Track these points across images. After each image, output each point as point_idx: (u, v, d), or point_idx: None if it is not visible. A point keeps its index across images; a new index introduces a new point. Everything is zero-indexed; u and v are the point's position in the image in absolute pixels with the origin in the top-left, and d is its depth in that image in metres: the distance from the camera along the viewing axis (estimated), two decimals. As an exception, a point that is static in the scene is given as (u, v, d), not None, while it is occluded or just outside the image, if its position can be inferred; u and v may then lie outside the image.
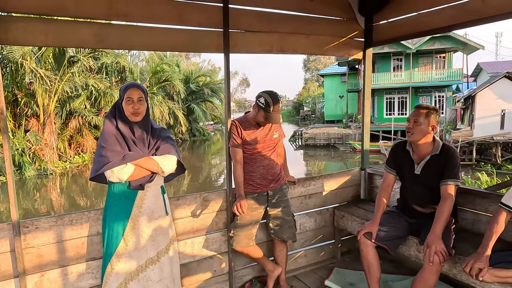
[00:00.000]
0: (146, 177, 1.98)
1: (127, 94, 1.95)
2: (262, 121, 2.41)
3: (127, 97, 1.95)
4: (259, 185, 2.50)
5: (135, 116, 1.96)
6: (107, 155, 1.87)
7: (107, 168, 1.85)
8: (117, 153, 1.88)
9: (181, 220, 2.46)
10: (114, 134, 1.93)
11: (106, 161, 1.85)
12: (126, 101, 1.95)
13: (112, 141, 1.90)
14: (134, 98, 1.95)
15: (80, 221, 2.12)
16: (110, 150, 1.88)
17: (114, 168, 1.86)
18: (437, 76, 23.22)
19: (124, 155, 1.89)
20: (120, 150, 1.90)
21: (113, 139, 1.91)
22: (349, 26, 3.01)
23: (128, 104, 1.95)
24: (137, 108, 1.96)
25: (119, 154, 1.88)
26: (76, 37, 2.05)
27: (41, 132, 16.07)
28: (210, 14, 2.40)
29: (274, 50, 2.69)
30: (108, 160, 1.86)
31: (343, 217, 3.03)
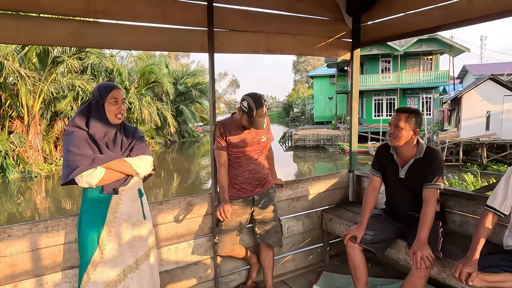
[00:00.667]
0: (120, 180, 1.89)
1: (113, 95, 1.87)
2: (247, 125, 2.34)
3: (113, 98, 1.87)
4: (244, 190, 2.43)
5: (119, 118, 1.90)
6: (75, 159, 1.77)
7: (75, 173, 1.76)
8: (86, 157, 1.78)
9: (164, 225, 2.38)
10: (83, 136, 1.83)
11: (74, 165, 1.76)
12: (111, 102, 1.87)
13: (81, 144, 1.81)
14: (119, 99, 1.88)
15: (57, 227, 2.02)
16: (78, 153, 1.78)
17: (83, 173, 1.77)
18: (425, 78, 23.53)
19: (94, 159, 1.79)
20: (89, 153, 1.80)
21: (82, 141, 1.81)
22: (337, 27, 2.97)
23: (113, 105, 1.87)
24: (122, 110, 1.90)
25: (88, 158, 1.79)
26: (51, 34, 1.95)
27: (25, 133, 15.69)
28: (194, 13, 2.33)
29: (261, 50, 2.63)
30: (76, 164, 1.76)
31: (331, 220, 2.99)
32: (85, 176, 1.77)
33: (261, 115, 2.23)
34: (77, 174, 1.76)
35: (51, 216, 11.43)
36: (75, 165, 1.76)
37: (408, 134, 2.18)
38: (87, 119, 1.86)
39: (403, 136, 2.18)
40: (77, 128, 1.84)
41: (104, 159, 1.82)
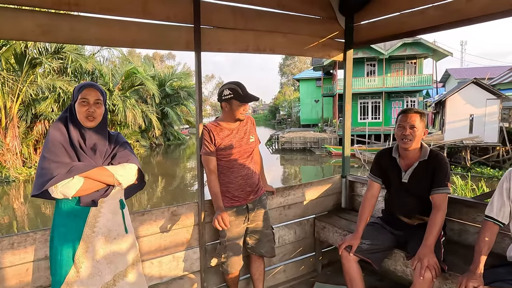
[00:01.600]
0: (100, 191, 1.70)
1: (82, 94, 1.67)
2: (241, 112, 2.19)
3: (82, 98, 1.67)
4: (237, 198, 2.26)
5: (89, 121, 1.68)
6: (49, 167, 1.57)
7: (50, 184, 1.55)
8: (62, 165, 1.58)
9: (146, 238, 2.18)
10: (61, 142, 1.63)
11: (49, 174, 1.56)
12: (80, 103, 1.67)
13: (58, 150, 1.61)
14: (90, 100, 1.68)
15: (24, 243, 1.81)
16: (54, 161, 1.58)
17: (58, 183, 1.57)
18: (409, 82, 23.85)
19: (71, 167, 1.59)
20: (67, 161, 1.61)
21: (59, 148, 1.62)
22: (329, 26, 2.85)
23: (82, 106, 1.67)
24: (93, 112, 1.68)
25: (65, 166, 1.59)
26: (16, 28, 1.74)
27: (2, 136, 15.06)
28: (180, 8, 2.16)
29: (250, 49, 2.47)
30: (51, 173, 1.56)
31: (324, 228, 2.85)
32: (60, 186, 1.57)
33: (245, 89, 2.18)
34: (52, 185, 1.56)
35: (29, 222, 10.96)
36: (50, 174, 1.56)
37: (421, 135, 2.09)
38: (66, 122, 1.67)
39: (419, 137, 2.08)
40: (55, 131, 1.65)
41: (83, 167, 1.62)
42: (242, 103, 2.17)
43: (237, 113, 2.20)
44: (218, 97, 2.28)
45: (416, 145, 2.12)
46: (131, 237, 1.88)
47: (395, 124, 2.22)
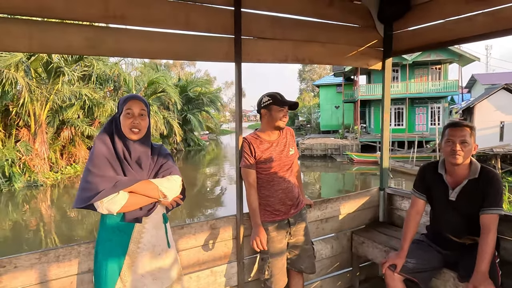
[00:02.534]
0: (143, 209, 1.68)
1: (127, 106, 1.66)
2: (281, 119, 2.16)
3: (127, 110, 1.65)
4: (278, 212, 2.20)
5: (134, 133, 1.66)
6: (95, 181, 1.55)
7: (97, 199, 1.53)
8: (108, 179, 1.57)
9: (185, 251, 2.15)
10: (106, 155, 1.62)
11: (94, 189, 1.54)
12: (125, 115, 1.66)
13: (103, 164, 1.59)
14: (135, 112, 1.66)
15: (69, 256, 1.81)
16: (99, 175, 1.56)
17: (103, 199, 1.55)
18: (433, 87, 23.24)
19: (116, 182, 1.57)
20: (112, 175, 1.59)
21: (104, 161, 1.60)
22: (368, 34, 2.77)
23: (127, 118, 1.65)
24: (137, 124, 1.66)
25: (110, 180, 1.57)
26: (64, 42, 1.76)
27: (32, 142, 15.60)
28: (220, 19, 2.14)
29: (289, 59, 2.43)
30: (96, 187, 1.54)
31: (362, 243, 2.74)
32: (105, 202, 1.56)
33: (283, 96, 2.20)
34: (98, 200, 1.54)
35: (55, 225, 11.23)
36: (95, 188, 1.54)
37: (471, 150, 1.96)
38: (111, 135, 1.66)
39: (469, 153, 1.95)
40: (100, 144, 1.64)
41: (127, 181, 1.61)
42: (282, 107, 2.15)
43: (277, 119, 2.16)
44: (257, 107, 2.26)
45: (466, 161, 1.99)
46: (174, 251, 1.85)
47: (441, 138, 2.10)
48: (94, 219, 11.43)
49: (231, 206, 12.10)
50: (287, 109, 2.21)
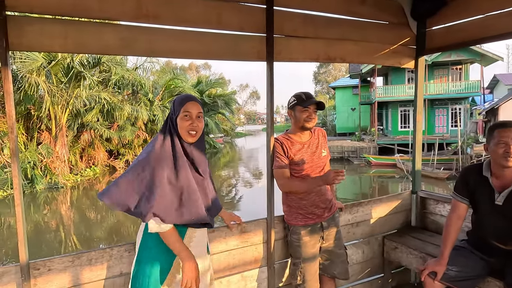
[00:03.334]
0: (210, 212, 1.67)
1: (185, 108, 1.59)
2: (305, 119, 2.08)
3: (185, 112, 1.59)
4: (311, 215, 2.13)
5: (192, 136, 1.60)
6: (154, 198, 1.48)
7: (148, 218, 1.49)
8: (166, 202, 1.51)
9: (216, 255, 2.10)
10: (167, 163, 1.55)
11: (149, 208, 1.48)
12: (183, 117, 1.59)
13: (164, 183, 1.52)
14: (192, 114, 1.60)
15: (101, 260, 1.78)
16: (160, 195, 1.49)
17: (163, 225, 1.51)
18: (454, 88, 22.65)
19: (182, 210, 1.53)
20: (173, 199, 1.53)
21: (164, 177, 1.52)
22: (400, 32, 2.67)
23: (185, 120, 1.59)
24: (196, 126, 1.60)
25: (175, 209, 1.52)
26: (99, 41, 1.74)
27: (52, 145, 15.97)
28: (252, 17, 2.09)
29: (321, 58, 2.36)
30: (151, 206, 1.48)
31: (395, 248, 2.63)
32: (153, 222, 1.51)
33: (311, 96, 2.12)
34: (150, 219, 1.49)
35: (74, 226, 11.42)
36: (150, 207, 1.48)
37: None
38: (169, 135, 1.61)
39: None
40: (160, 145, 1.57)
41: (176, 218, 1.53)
42: (305, 107, 2.07)
43: (301, 119, 2.09)
44: (288, 106, 2.20)
45: None
46: (209, 256, 1.80)
47: (487, 139, 1.98)
48: (113, 221, 11.58)
49: (248, 208, 12.06)
50: (314, 109, 2.11)
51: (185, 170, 1.56)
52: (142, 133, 20.01)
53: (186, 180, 1.55)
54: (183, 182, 1.55)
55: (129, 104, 19.02)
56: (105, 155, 19.14)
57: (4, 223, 11.32)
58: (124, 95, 20.15)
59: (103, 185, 16.68)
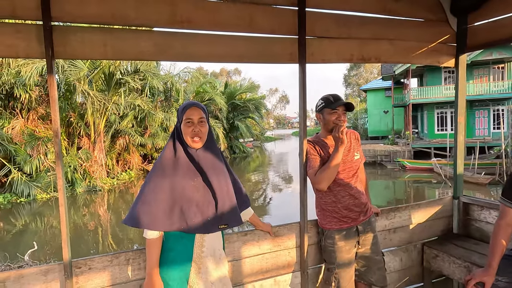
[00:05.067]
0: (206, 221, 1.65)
1: (186, 115, 1.63)
2: (334, 122, 2.02)
3: (187, 119, 1.63)
4: (346, 218, 2.07)
5: (195, 142, 1.63)
6: (153, 213, 1.56)
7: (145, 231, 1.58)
8: (163, 211, 1.57)
9: (249, 259, 2.09)
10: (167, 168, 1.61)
11: (151, 220, 1.56)
12: (185, 124, 1.63)
13: (159, 191, 1.58)
14: (194, 119, 1.64)
15: (138, 260, 1.82)
16: (146, 202, 1.57)
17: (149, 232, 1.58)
18: (496, 88, 21.37)
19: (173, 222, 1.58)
20: (166, 206, 1.58)
21: (162, 187, 1.58)
22: (439, 29, 2.56)
23: (187, 126, 1.63)
24: (198, 131, 1.63)
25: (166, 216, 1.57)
26: (136, 48, 1.80)
27: (91, 149, 16.75)
28: (284, 19, 2.08)
29: (355, 58, 2.30)
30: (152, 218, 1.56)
31: (436, 256, 2.50)
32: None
33: (339, 98, 2.08)
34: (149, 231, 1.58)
35: (111, 228, 11.85)
36: (152, 220, 1.56)
37: None
38: (174, 144, 1.65)
39: None
40: (164, 154, 1.63)
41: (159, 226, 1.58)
42: (333, 110, 2.01)
43: (330, 122, 2.04)
44: (315, 110, 2.16)
45: None
46: (226, 262, 1.80)
47: None
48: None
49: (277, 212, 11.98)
50: (343, 111, 2.05)
51: (182, 179, 1.59)
52: (174, 138, 20.50)
53: (181, 189, 1.58)
54: (177, 191, 1.57)
55: (161, 110, 19.60)
56: (139, 159, 19.81)
57: (47, 224, 11.96)
58: (157, 102, 20.80)
59: (137, 189, 17.25)
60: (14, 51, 1.57)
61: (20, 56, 1.63)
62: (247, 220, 1.97)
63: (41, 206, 13.60)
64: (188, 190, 1.59)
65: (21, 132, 14.24)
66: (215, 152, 1.73)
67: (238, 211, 1.75)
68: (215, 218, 1.63)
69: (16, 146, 13.81)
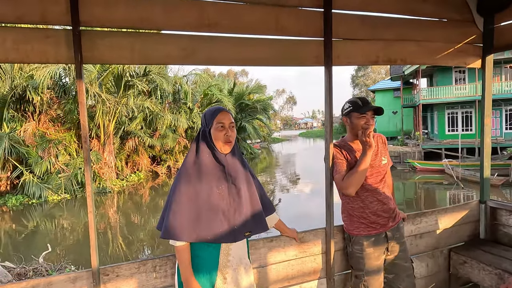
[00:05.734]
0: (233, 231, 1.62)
1: (218, 119, 1.61)
2: (364, 126, 1.96)
3: (219, 123, 1.60)
4: (374, 224, 2.02)
5: (228, 146, 1.61)
6: (178, 223, 1.53)
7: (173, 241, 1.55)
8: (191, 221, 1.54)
9: (274, 265, 2.05)
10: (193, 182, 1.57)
11: (178, 231, 1.53)
12: (217, 128, 1.60)
13: (185, 201, 1.55)
14: (226, 124, 1.61)
15: (165, 267, 1.80)
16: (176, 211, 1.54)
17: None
18: (508, 88, 21.05)
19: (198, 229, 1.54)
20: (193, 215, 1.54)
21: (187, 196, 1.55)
22: (465, 30, 2.50)
23: (219, 131, 1.60)
24: (230, 135, 1.61)
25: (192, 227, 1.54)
26: (163, 52, 1.78)
27: (101, 151, 16.86)
28: (309, 21, 2.05)
29: (380, 60, 2.26)
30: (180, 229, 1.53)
31: (464, 263, 2.44)
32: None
33: (367, 101, 2.02)
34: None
35: (120, 229, 11.90)
36: (178, 231, 1.53)
37: None
38: (196, 150, 1.61)
39: None
40: (190, 159, 1.60)
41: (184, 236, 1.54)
42: (362, 114, 1.96)
43: (358, 126, 1.98)
44: (341, 114, 2.12)
45: None
46: (251, 269, 1.76)
47: None
48: (155, 224, 11.95)
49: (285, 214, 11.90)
50: (371, 115, 2.00)
51: (207, 186, 1.56)
52: (183, 140, 20.61)
53: (206, 197, 1.54)
54: (203, 199, 1.54)
55: (170, 112, 19.69)
56: (148, 161, 19.90)
57: (59, 225, 12.06)
58: (165, 104, 20.90)
59: (146, 190, 17.34)
60: (44, 57, 1.56)
61: (50, 62, 1.62)
62: (273, 226, 1.93)
63: (52, 207, 13.72)
64: (213, 197, 1.56)
65: (33, 134, 14.40)
66: (241, 157, 1.70)
67: (264, 217, 1.71)
68: (241, 226, 1.60)
69: (28, 148, 13.97)
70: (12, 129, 14.20)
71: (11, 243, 10.07)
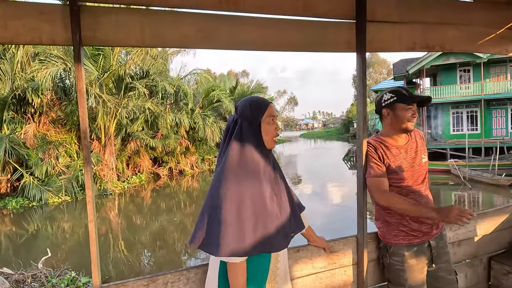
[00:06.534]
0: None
1: (270, 111, 1.40)
2: (409, 119, 1.74)
3: (271, 115, 1.40)
4: (416, 232, 1.77)
5: (275, 142, 1.43)
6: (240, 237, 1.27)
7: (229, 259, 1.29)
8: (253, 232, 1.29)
9: (301, 279, 1.80)
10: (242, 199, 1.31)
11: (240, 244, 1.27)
12: (269, 121, 1.40)
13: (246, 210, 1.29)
14: (275, 118, 1.44)
15: (177, 283, 1.55)
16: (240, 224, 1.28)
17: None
18: (514, 87, 20.82)
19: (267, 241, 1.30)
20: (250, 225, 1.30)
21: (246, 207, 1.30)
22: (509, 13, 2.24)
23: (271, 124, 1.40)
24: (278, 130, 1.44)
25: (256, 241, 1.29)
26: (177, 33, 1.53)
27: (102, 153, 16.62)
28: (340, 1, 1.79)
29: (418, 47, 2.00)
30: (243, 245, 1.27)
31: (507, 273, 2.19)
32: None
33: (411, 92, 1.79)
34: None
35: (122, 233, 11.65)
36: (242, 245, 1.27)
37: None
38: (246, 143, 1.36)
39: None
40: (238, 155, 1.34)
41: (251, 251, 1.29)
42: (410, 104, 1.73)
43: (404, 119, 1.75)
44: (377, 106, 1.87)
45: None
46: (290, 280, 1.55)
47: None
48: (158, 226, 11.69)
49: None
50: (416, 107, 1.78)
51: (261, 187, 1.32)
52: (184, 141, 20.38)
53: (262, 201, 1.31)
54: (258, 204, 1.30)
55: (172, 113, 19.46)
56: (149, 162, 19.65)
57: (59, 229, 11.81)
58: (166, 105, 20.66)
59: (148, 192, 17.10)
60: (37, 36, 1.31)
61: (43, 43, 1.37)
62: (301, 233, 1.70)
63: (52, 210, 13.48)
64: (267, 201, 1.34)
65: (33, 136, 14.18)
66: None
67: (300, 215, 1.53)
68: (289, 227, 1.40)
69: (28, 150, 13.74)
70: (12, 130, 13.97)
71: (11, 247, 9.83)
